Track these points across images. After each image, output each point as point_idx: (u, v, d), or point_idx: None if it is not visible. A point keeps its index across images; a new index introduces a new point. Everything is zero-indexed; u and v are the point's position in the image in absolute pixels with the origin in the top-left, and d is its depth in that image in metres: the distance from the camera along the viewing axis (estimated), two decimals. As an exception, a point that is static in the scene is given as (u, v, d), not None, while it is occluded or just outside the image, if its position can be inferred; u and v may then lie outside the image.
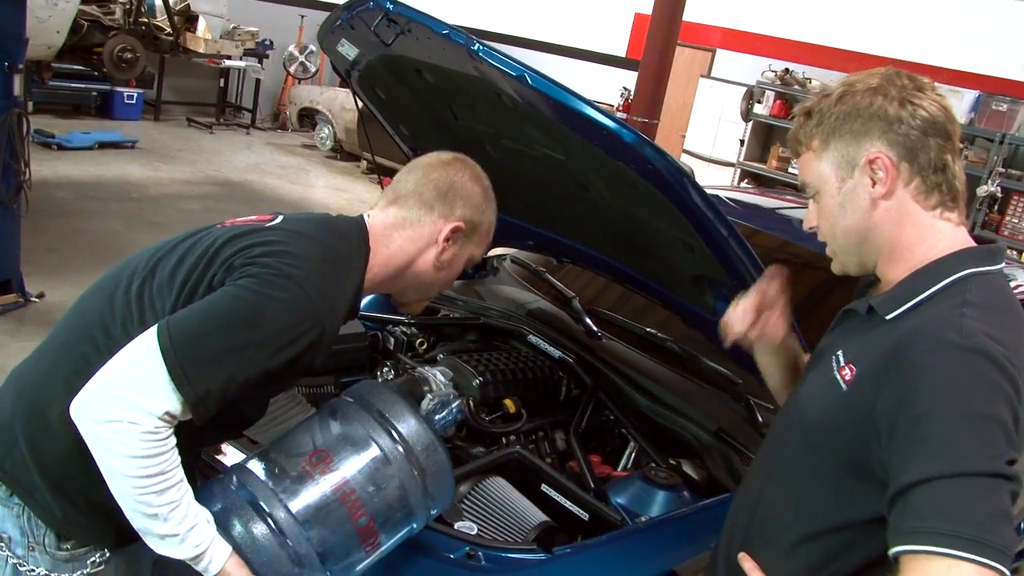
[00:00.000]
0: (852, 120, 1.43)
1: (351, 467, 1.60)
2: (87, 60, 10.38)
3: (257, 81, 12.66)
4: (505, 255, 3.56)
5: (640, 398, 2.56)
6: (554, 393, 2.68)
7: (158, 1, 11.02)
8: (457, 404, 1.83)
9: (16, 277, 5.14)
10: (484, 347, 2.84)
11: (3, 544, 1.62)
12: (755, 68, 11.00)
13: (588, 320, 2.85)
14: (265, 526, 1.52)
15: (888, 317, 1.41)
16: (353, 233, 1.74)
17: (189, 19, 11.25)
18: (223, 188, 9.01)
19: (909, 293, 1.41)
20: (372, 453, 1.62)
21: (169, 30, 11.13)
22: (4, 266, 5.06)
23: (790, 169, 10.46)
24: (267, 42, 12.57)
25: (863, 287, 1.64)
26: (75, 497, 1.59)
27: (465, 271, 1.93)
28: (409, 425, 1.66)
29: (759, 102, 10.63)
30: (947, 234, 1.44)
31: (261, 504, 1.53)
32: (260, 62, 12.54)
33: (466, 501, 2.10)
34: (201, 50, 11.28)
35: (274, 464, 1.60)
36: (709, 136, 11.24)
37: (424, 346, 2.84)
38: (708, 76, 11.70)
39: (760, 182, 10.54)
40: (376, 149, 3.30)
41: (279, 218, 1.72)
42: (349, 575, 1.63)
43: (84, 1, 9.07)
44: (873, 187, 1.43)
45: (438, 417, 1.77)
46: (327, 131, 11.53)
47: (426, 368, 2.43)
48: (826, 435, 1.43)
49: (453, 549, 1.82)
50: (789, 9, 11.15)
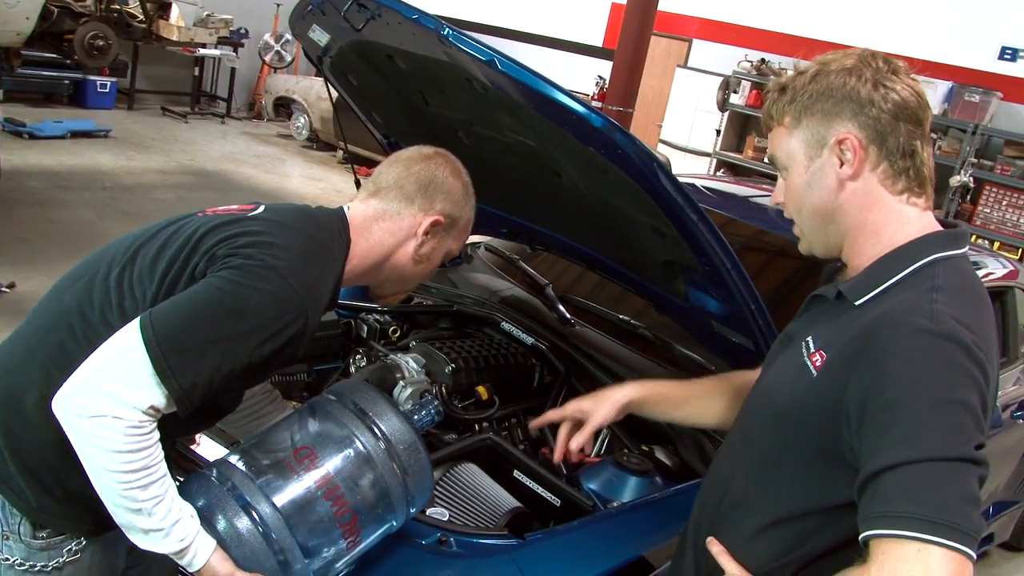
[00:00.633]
0: (824, 99, 1.43)
1: (335, 464, 1.59)
2: (58, 47, 10.27)
3: (232, 70, 12.53)
4: (479, 243, 3.56)
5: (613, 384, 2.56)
6: (527, 380, 2.68)
7: (130, -12, 10.94)
8: (436, 404, 1.84)
9: (-14, 267, 5.08)
10: (457, 334, 2.84)
11: None
12: (731, 58, 11.03)
13: (561, 307, 2.85)
14: (249, 520, 1.51)
15: (857, 303, 1.42)
16: (334, 224, 1.74)
17: (162, 6, 11.15)
18: (197, 178, 8.93)
19: (877, 278, 1.41)
20: (356, 450, 1.61)
21: (142, 17, 11.01)
22: (-27, 256, 5.00)
23: (766, 159, 10.47)
24: (242, 30, 12.46)
25: (829, 273, 1.65)
26: (51, 485, 1.57)
27: (442, 263, 1.93)
28: (392, 424, 1.65)
29: (735, 92, 10.66)
30: (913, 218, 1.44)
31: (246, 498, 1.53)
32: (235, 51, 12.42)
33: (438, 487, 2.09)
34: (174, 38, 11.18)
35: (258, 459, 1.60)
36: (685, 126, 11.27)
37: (397, 333, 2.83)
38: (684, 66, 11.71)
39: (736, 171, 10.58)
40: (350, 137, 3.28)
41: (261, 208, 1.71)
42: (330, 571, 1.63)
43: (54, -13, 8.97)
44: (841, 167, 1.43)
45: (417, 417, 1.78)
46: (303, 120, 11.45)
47: (398, 355, 2.44)
48: (796, 420, 1.43)
49: (425, 535, 1.82)
50: (765, -1, 11.20)
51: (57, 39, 10.17)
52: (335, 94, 2.81)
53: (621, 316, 2.82)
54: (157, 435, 1.44)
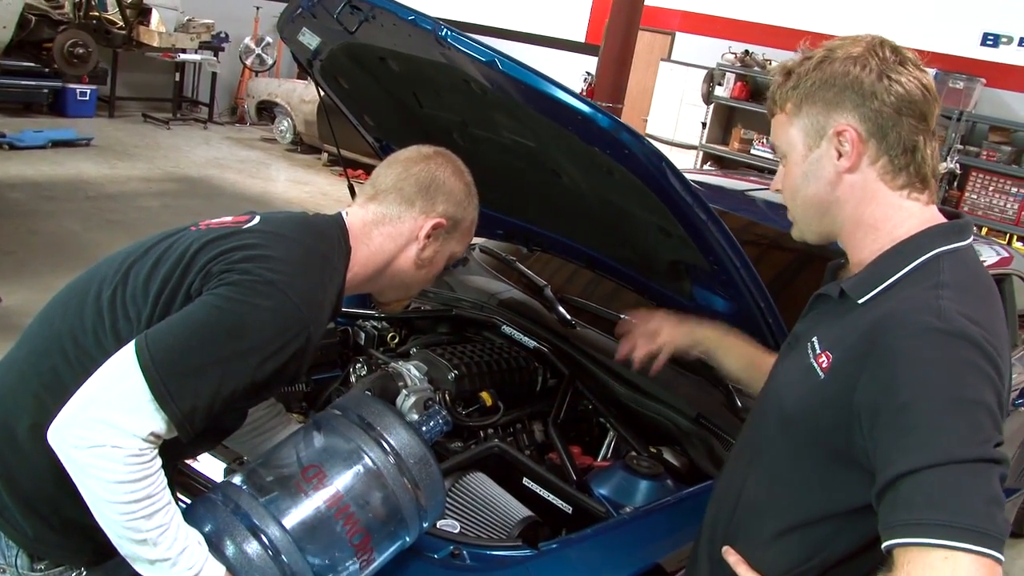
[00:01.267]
0: (827, 88, 1.39)
1: (344, 481, 1.54)
2: (37, 56, 10.19)
3: (213, 75, 12.44)
4: (474, 245, 3.51)
5: (618, 386, 2.52)
6: (530, 384, 2.64)
7: (109, -6, 10.83)
8: (444, 414, 1.79)
9: (-30, 281, 5.00)
10: (457, 339, 2.79)
11: None
12: (715, 50, 11.04)
13: (561, 308, 2.81)
14: (259, 544, 1.46)
15: (860, 301, 1.38)
16: (333, 232, 1.68)
17: (142, 12, 11.05)
18: (182, 184, 8.86)
19: (880, 275, 1.38)
20: (365, 467, 1.56)
21: (121, 24, 10.90)
22: (-43, 270, 4.93)
23: (752, 151, 10.52)
24: (222, 34, 12.37)
25: (831, 270, 1.61)
26: (47, 515, 1.52)
27: (445, 267, 1.88)
28: (401, 437, 1.61)
29: (720, 84, 10.68)
30: (914, 213, 1.41)
31: (254, 522, 1.47)
32: (216, 55, 12.34)
33: (447, 499, 2.05)
34: (155, 44, 11.07)
35: (265, 480, 1.54)
36: (671, 119, 11.28)
37: (395, 340, 2.79)
38: (668, 59, 11.71)
39: (723, 164, 10.59)
40: (339, 140, 3.23)
41: (256, 219, 1.64)
42: None
43: (31, -4, 8.88)
44: (838, 159, 1.40)
45: (426, 428, 1.73)
46: (286, 124, 11.37)
47: (400, 363, 2.39)
48: (806, 423, 1.40)
49: (437, 549, 1.77)
50: (747, -9, 11.20)
51: (36, 48, 10.08)
52: (325, 96, 2.76)
53: (622, 316, 2.78)
54: (159, 462, 1.39)
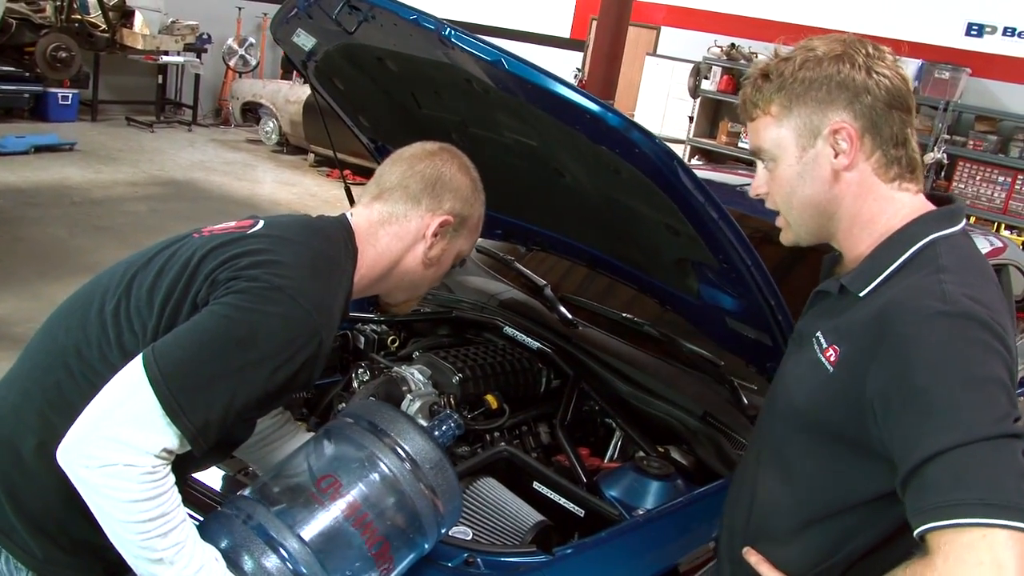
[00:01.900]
0: (817, 87, 1.39)
1: (361, 490, 1.51)
2: (18, 60, 10.09)
3: (196, 76, 12.32)
4: (472, 245, 3.48)
5: (623, 386, 2.50)
6: (534, 386, 2.61)
7: (90, -3, 10.73)
8: (455, 418, 1.77)
9: (-43, 291, 4.93)
10: (459, 342, 2.76)
11: None
12: (701, 44, 11.05)
13: (562, 308, 2.78)
14: (277, 558, 1.43)
15: (861, 294, 1.39)
16: (339, 234, 1.64)
17: (125, 14, 10.95)
18: (168, 188, 8.78)
19: (878, 266, 1.39)
20: (381, 474, 1.53)
21: (104, 27, 10.80)
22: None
23: (740, 144, 10.53)
24: (205, 36, 12.27)
25: (828, 266, 1.62)
26: (56, 535, 1.48)
27: (453, 265, 1.86)
28: (416, 443, 1.58)
29: (706, 78, 10.68)
30: (907, 203, 1.42)
31: (271, 535, 1.44)
32: (198, 56, 12.23)
33: (458, 505, 2.03)
34: (139, 46, 10.98)
35: (280, 492, 1.51)
36: (658, 114, 11.29)
37: (396, 343, 2.75)
38: (654, 54, 11.71)
39: (711, 157, 10.60)
40: (324, 140, 3.19)
41: (260, 223, 1.61)
42: None
43: (11, -1, 8.79)
44: (836, 158, 1.40)
45: (439, 433, 1.70)
46: (272, 125, 11.30)
47: (403, 367, 2.36)
48: (818, 418, 1.40)
49: (450, 557, 1.74)
50: (732, -16, 11.21)
51: (17, 52, 9.98)
52: (307, 98, 2.72)
53: (624, 314, 2.76)
54: (172, 479, 1.36)
